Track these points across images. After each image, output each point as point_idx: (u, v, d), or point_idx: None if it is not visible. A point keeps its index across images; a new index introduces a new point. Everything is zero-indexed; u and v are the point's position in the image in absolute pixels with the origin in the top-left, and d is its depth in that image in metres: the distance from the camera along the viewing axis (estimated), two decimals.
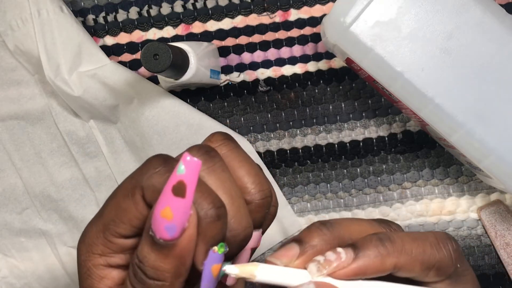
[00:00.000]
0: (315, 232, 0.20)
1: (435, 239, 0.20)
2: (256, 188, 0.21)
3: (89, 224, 0.20)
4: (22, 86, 0.44)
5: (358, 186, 0.44)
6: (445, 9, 0.33)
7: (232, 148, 0.22)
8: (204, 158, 0.20)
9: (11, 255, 0.46)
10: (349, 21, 0.34)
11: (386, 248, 0.19)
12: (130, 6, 0.44)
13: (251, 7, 0.44)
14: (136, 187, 0.19)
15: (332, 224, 0.20)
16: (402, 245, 0.19)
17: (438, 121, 0.34)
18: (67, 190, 0.45)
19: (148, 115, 0.42)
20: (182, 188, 0.17)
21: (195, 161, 0.17)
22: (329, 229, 0.20)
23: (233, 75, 0.44)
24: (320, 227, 0.20)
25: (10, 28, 0.42)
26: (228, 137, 0.22)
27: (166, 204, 0.17)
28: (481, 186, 0.43)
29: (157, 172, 0.19)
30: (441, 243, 0.20)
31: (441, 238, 0.20)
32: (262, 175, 0.22)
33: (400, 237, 0.20)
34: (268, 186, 0.22)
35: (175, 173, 0.17)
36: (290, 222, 0.44)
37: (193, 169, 0.17)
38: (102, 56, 0.42)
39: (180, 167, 0.17)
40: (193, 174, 0.17)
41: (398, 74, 0.34)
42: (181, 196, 0.17)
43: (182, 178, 0.17)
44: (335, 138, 0.44)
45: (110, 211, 0.20)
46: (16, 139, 0.45)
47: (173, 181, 0.17)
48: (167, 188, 0.17)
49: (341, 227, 0.20)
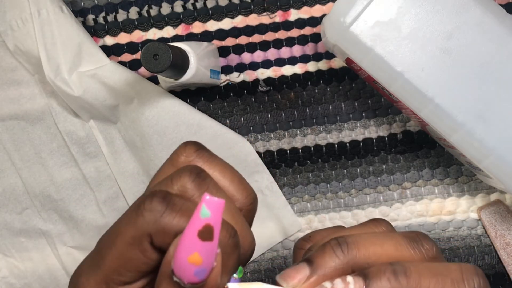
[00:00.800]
0: (329, 254, 0.19)
1: (460, 274, 0.18)
2: (244, 194, 0.21)
3: (83, 277, 0.19)
4: (22, 86, 0.44)
5: (358, 186, 0.44)
6: (445, 9, 0.33)
7: (208, 157, 0.21)
8: (198, 182, 0.19)
9: (11, 255, 0.46)
10: (349, 21, 0.34)
11: (399, 283, 0.18)
12: (130, 6, 0.44)
13: (251, 7, 0.44)
14: (142, 234, 0.18)
15: (349, 244, 0.19)
16: (418, 281, 0.18)
17: (438, 121, 0.34)
18: (67, 190, 0.45)
19: (148, 115, 0.42)
20: (210, 232, 0.16)
21: (218, 201, 0.16)
22: (344, 251, 0.19)
23: (233, 75, 0.44)
24: (334, 249, 0.19)
25: (10, 28, 0.42)
26: (200, 146, 0.21)
27: (193, 250, 0.16)
28: (481, 186, 0.43)
29: (164, 215, 0.17)
30: (466, 280, 0.18)
31: (467, 273, 0.19)
32: (242, 177, 0.21)
33: (419, 271, 0.18)
34: (251, 187, 0.21)
35: (198, 216, 0.16)
36: (290, 222, 0.44)
37: (218, 210, 0.16)
38: (102, 56, 0.42)
39: (203, 210, 0.16)
40: (218, 215, 0.16)
41: (398, 74, 0.34)
42: (209, 240, 0.16)
43: (209, 222, 0.16)
44: (335, 138, 0.44)
45: (112, 261, 0.18)
46: (16, 139, 0.45)
47: (197, 226, 0.16)
48: (191, 233, 0.16)
49: (358, 249, 0.19)
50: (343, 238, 0.19)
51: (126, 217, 0.18)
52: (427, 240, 0.20)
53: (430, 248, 0.20)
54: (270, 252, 0.45)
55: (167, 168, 0.21)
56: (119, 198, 0.45)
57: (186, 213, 0.18)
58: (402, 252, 0.19)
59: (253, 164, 0.43)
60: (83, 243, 0.45)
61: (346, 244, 0.19)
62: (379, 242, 0.19)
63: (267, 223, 0.44)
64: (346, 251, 0.19)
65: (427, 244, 0.20)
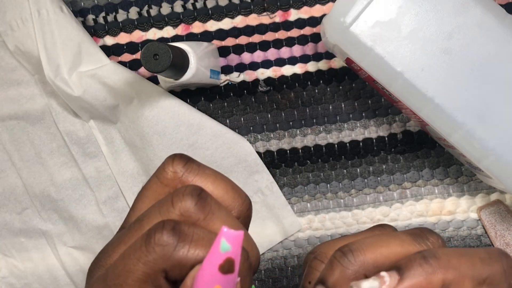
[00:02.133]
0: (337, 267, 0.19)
1: (486, 254, 0.19)
2: (239, 202, 0.21)
3: None
4: (22, 86, 0.44)
5: (358, 186, 0.44)
6: (445, 9, 0.33)
7: (197, 170, 0.21)
8: (201, 205, 0.18)
9: (11, 255, 0.46)
10: (349, 21, 0.34)
11: (431, 266, 0.18)
12: (130, 6, 0.44)
13: (251, 7, 0.44)
14: (156, 271, 0.17)
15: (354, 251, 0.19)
16: (448, 261, 0.18)
17: (438, 121, 0.34)
18: (67, 190, 0.45)
19: (148, 115, 0.42)
20: (231, 265, 0.16)
21: (237, 233, 0.16)
22: (350, 259, 0.19)
23: (233, 75, 0.44)
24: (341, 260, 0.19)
25: (10, 28, 0.42)
26: (188, 159, 0.21)
27: (215, 283, 0.16)
28: (481, 186, 0.43)
29: (178, 249, 0.17)
30: (493, 258, 0.19)
31: (494, 253, 0.19)
32: (235, 184, 0.21)
33: (446, 253, 0.19)
34: (244, 193, 0.21)
35: (218, 250, 0.16)
36: (290, 222, 0.44)
37: (238, 242, 0.16)
38: (102, 56, 0.42)
39: (223, 244, 0.16)
40: (238, 247, 0.16)
41: (398, 74, 0.34)
42: (230, 273, 0.16)
43: (230, 256, 0.16)
44: (335, 138, 0.44)
45: None
46: (16, 139, 0.45)
47: (218, 260, 0.16)
48: (212, 267, 0.16)
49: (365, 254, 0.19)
50: (347, 247, 0.19)
51: (136, 253, 0.17)
52: (432, 233, 0.20)
53: (435, 240, 0.20)
54: (270, 252, 0.45)
55: (154, 184, 0.21)
56: (119, 198, 0.45)
57: (200, 243, 0.17)
58: (408, 249, 0.19)
59: (253, 164, 0.43)
60: (83, 243, 0.45)
61: (351, 252, 0.19)
62: (384, 244, 0.19)
63: (267, 223, 0.44)
64: (353, 259, 0.19)
65: (432, 237, 0.20)
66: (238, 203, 0.21)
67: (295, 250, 0.45)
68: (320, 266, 0.22)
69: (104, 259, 0.19)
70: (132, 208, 0.21)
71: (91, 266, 0.20)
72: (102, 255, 0.19)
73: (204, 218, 0.18)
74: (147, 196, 0.21)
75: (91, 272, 0.19)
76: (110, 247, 0.19)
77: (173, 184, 0.20)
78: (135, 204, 0.21)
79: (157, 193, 0.20)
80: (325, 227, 0.44)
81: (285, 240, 0.45)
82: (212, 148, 0.43)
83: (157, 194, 0.20)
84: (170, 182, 0.20)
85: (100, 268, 0.19)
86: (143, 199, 0.21)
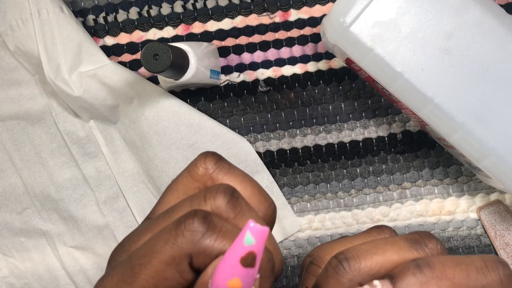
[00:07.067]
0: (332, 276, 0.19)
1: (482, 262, 0.18)
2: (265, 205, 0.21)
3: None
4: (22, 86, 0.44)
5: (358, 186, 0.44)
6: (445, 9, 0.33)
7: (228, 169, 0.21)
8: (232, 203, 0.19)
9: (11, 255, 0.46)
10: (349, 21, 0.34)
11: (425, 275, 0.18)
12: (130, 6, 0.44)
13: (251, 7, 0.44)
14: (183, 255, 0.17)
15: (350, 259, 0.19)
16: (443, 270, 0.18)
17: (438, 121, 0.34)
18: (67, 190, 0.45)
19: (148, 115, 0.42)
20: (253, 259, 0.16)
21: (262, 229, 0.16)
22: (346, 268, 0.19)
23: (233, 75, 0.44)
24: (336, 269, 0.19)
25: (10, 28, 0.42)
26: (219, 158, 0.21)
27: (234, 275, 0.16)
28: (480, 186, 0.43)
29: (205, 236, 0.17)
30: (490, 267, 0.18)
31: (490, 261, 0.19)
32: (262, 188, 0.21)
33: (441, 262, 0.18)
34: (271, 197, 0.21)
35: (241, 243, 0.16)
36: (290, 222, 0.44)
37: (262, 238, 0.16)
38: (102, 56, 0.42)
39: (247, 237, 0.16)
40: (262, 242, 0.16)
41: (398, 74, 0.34)
42: (251, 267, 0.16)
43: (253, 250, 0.16)
44: (334, 138, 0.44)
45: (146, 280, 0.18)
46: (16, 139, 0.45)
47: (240, 252, 0.16)
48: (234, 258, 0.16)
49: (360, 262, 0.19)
50: (342, 254, 0.19)
51: (165, 235, 0.18)
52: (431, 239, 0.20)
53: (434, 247, 0.20)
54: None
55: (185, 179, 0.21)
56: (119, 198, 0.45)
57: (227, 235, 0.18)
58: (405, 256, 0.19)
59: (253, 164, 0.43)
60: (83, 243, 0.45)
61: (346, 260, 0.19)
62: (380, 251, 0.19)
63: None
64: (348, 268, 0.19)
65: (430, 243, 0.20)
66: (264, 207, 0.21)
67: (295, 250, 0.45)
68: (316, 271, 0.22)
69: (129, 244, 0.19)
70: (160, 200, 0.21)
71: (114, 251, 0.20)
72: (126, 240, 0.20)
73: (234, 217, 0.19)
74: (176, 189, 0.21)
75: (113, 257, 0.20)
76: (136, 233, 0.20)
77: (203, 180, 0.21)
78: (164, 197, 0.21)
79: (187, 187, 0.21)
80: (325, 227, 0.44)
81: (285, 240, 0.45)
82: (212, 148, 0.43)
83: (186, 188, 0.21)
84: (200, 178, 0.21)
85: (124, 253, 0.19)
86: (173, 192, 0.21)
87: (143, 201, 0.45)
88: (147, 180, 0.44)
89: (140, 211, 0.45)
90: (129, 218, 0.45)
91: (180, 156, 0.43)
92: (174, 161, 0.43)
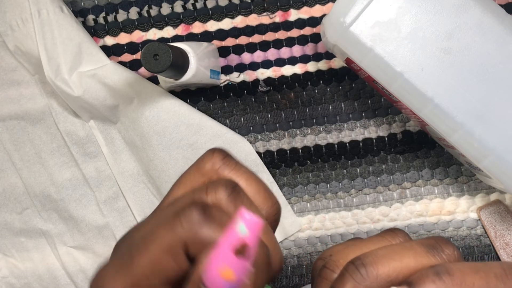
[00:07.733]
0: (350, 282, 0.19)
1: (501, 269, 0.18)
2: (269, 204, 0.21)
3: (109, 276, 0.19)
4: (22, 86, 0.44)
5: (358, 186, 0.44)
6: (445, 9, 0.33)
7: (234, 166, 0.21)
8: (233, 197, 0.19)
9: (11, 255, 0.46)
10: (349, 21, 0.34)
11: (444, 283, 0.18)
12: (130, 6, 0.44)
13: (251, 7, 0.44)
14: (178, 242, 0.18)
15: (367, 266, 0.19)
16: (462, 278, 0.18)
17: (438, 121, 0.34)
18: (67, 190, 0.45)
19: (148, 115, 0.42)
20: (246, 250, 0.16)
21: (256, 220, 0.16)
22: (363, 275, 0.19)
23: (233, 75, 0.44)
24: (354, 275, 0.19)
25: (10, 28, 0.42)
26: (226, 154, 0.22)
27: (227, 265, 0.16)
28: (480, 186, 0.43)
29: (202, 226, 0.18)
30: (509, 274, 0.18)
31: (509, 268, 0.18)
32: (267, 187, 0.22)
33: (460, 269, 0.18)
34: (275, 197, 0.22)
35: (235, 232, 0.16)
36: (290, 222, 0.44)
37: (256, 229, 0.16)
38: (102, 56, 0.42)
39: (241, 228, 0.16)
40: (256, 235, 0.16)
41: (398, 74, 0.34)
42: (244, 258, 0.16)
43: (246, 241, 0.16)
44: (334, 138, 0.44)
45: (144, 266, 0.18)
46: (16, 139, 0.45)
47: (234, 242, 0.16)
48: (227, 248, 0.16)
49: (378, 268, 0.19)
50: (359, 260, 0.19)
51: (163, 223, 0.18)
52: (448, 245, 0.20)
53: (451, 253, 0.19)
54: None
55: (193, 174, 0.21)
56: (119, 198, 0.45)
57: (225, 227, 0.18)
58: (422, 262, 0.19)
59: (253, 164, 0.43)
60: (83, 243, 0.45)
61: (364, 266, 0.19)
62: (398, 257, 0.19)
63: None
64: (366, 274, 0.19)
65: (447, 249, 0.20)
66: (268, 205, 0.21)
67: (295, 250, 0.45)
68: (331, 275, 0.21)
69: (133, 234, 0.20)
70: (168, 193, 0.22)
71: (119, 241, 0.20)
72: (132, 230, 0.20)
73: (234, 210, 0.19)
74: (183, 183, 0.21)
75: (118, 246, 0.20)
76: (141, 224, 0.20)
77: (210, 175, 0.21)
78: (172, 190, 0.22)
79: (194, 181, 0.21)
80: (325, 227, 0.44)
81: (285, 240, 0.45)
82: None
83: (193, 182, 0.21)
84: (207, 173, 0.21)
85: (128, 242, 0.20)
86: (179, 185, 0.22)
87: (143, 201, 0.45)
88: (147, 180, 0.44)
89: (140, 211, 0.45)
90: (129, 218, 0.45)
91: (180, 156, 0.43)
92: (174, 161, 0.43)
